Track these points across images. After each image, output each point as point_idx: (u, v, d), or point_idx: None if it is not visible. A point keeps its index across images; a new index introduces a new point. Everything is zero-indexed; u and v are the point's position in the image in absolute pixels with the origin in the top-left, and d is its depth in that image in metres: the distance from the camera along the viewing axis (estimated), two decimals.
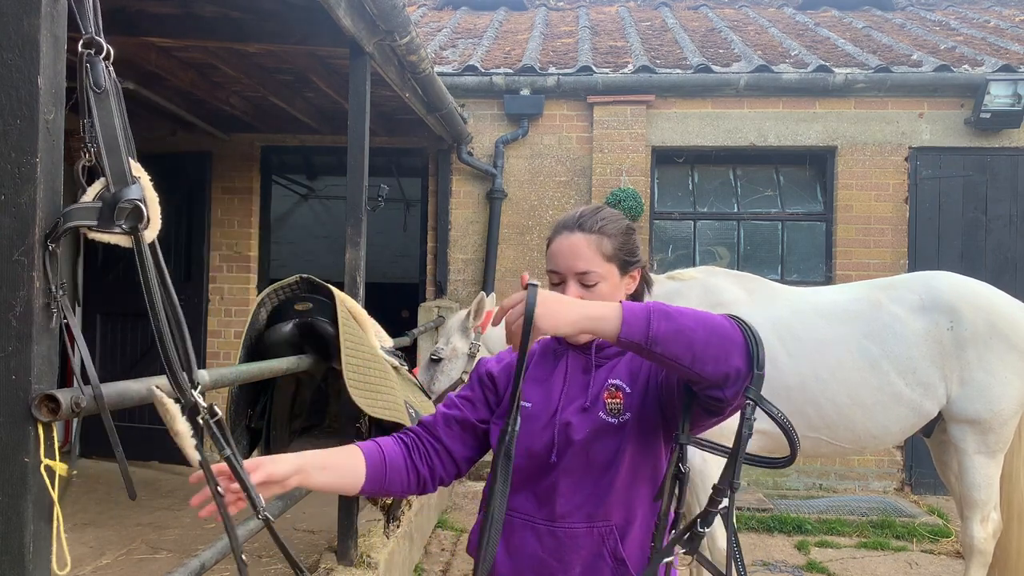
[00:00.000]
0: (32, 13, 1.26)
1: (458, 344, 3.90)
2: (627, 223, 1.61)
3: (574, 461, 1.48)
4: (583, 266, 1.52)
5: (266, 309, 2.84)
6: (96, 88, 1.24)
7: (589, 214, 1.58)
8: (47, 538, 1.32)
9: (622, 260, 1.55)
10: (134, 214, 1.26)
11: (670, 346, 1.23)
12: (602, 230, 1.54)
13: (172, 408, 1.30)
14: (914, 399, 3.31)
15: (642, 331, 1.24)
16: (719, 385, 1.25)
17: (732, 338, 1.25)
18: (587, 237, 1.54)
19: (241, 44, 4.06)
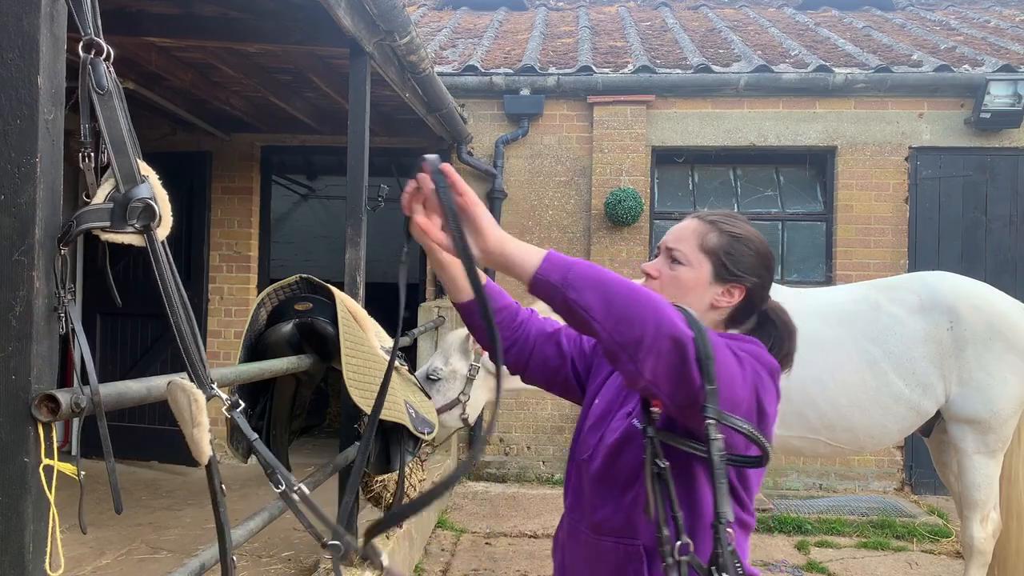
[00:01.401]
0: (32, 13, 1.26)
1: (457, 365, 3.80)
2: (754, 240, 1.46)
3: (603, 469, 1.42)
4: (674, 242, 1.46)
5: (266, 309, 2.84)
6: (99, 90, 1.24)
7: (721, 213, 1.50)
8: (47, 538, 1.32)
9: (720, 262, 1.43)
10: (146, 212, 1.26)
11: (585, 293, 1.15)
12: (716, 224, 1.46)
13: (201, 399, 1.31)
14: (913, 399, 3.31)
15: (561, 272, 1.17)
16: (630, 350, 1.14)
17: (663, 312, 1.16)
18: (698, 223, 1.47)
19: (241, 44, 4.06)
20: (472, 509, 5.61)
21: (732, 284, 1.44)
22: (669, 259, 1.46)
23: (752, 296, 1.46)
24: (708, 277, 1.43)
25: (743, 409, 1.27)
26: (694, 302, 1.42)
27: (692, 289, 1.43)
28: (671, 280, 1.44)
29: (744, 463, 1.31)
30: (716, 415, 1.20)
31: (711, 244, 1.44)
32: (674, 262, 1.45)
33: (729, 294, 1.44)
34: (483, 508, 5.64)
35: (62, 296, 1.29)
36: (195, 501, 5.04)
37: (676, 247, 1.45)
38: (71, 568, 1.54)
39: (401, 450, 2.94)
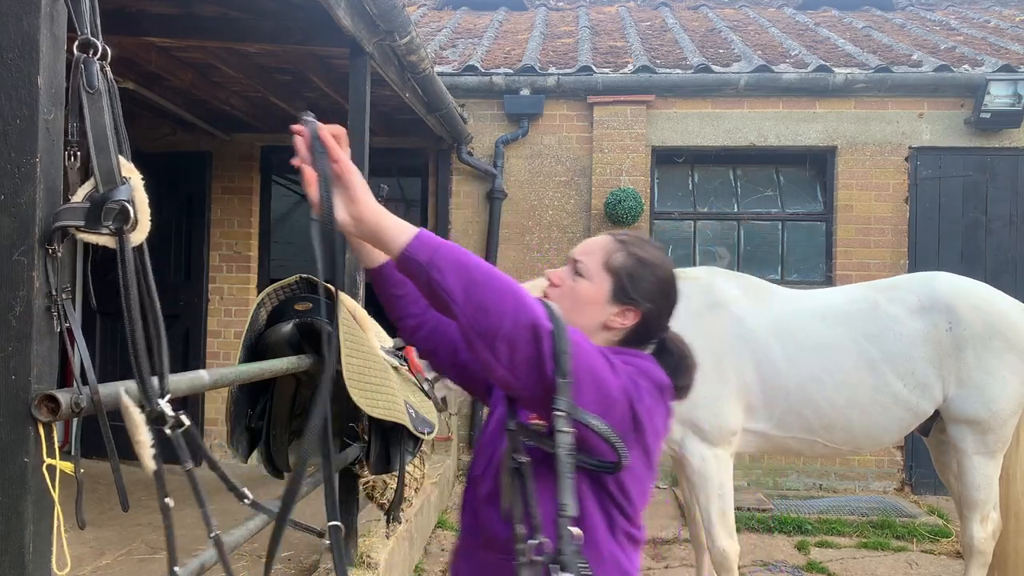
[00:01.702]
0: (32, 13, 1.26)
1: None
2: (660, 267, 1.46)
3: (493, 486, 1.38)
4: (581, 255, 1.47)
5: (266, 309, 2.84)
6: (89, 88, 1.24)
7: (633, 236, 1.50)
8: (47, 538, 1.32)
9: (621, 282, 1.42)
10: (121, 215, 1.26)
11: (448, 276, 1.15)
12: (626, 244, 1.45)
13: (137, 417, 1.29)
14: (911, 400, 3.31)
15: (429, 252, 1.17)
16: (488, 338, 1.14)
17: (523, 302, 1.15)
18: (610, 241, 1.47)
19: (241, 44, 4.06)
20: None
21: (628, 307, 1.42)
22: (574, 270, 1.46)
23: (647, 322, 1.44)
24: (607, 295, 1.42)
25: (615, 415, 1.25)
26: (589, 318, 1.42)
27: (589, 304, 1.42)
28: (571, 291, 1.44)
29: (597, 467, 1.27)
30: (568, 408, 1.18)
31: (616, 263, 1.43)
32: (577, 274, 1.45)
33: (624, 316, 1.43)
34: None
35: (55, 295, 1.29)
36: (195, 501, 5.03)
37: (582, 259, 1.45)
38: (71, 568, 1.53)
39: (401, 450, 2.94)
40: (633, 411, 1.28)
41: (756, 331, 3.34)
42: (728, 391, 3.29)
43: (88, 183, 1.27)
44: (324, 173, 1.19)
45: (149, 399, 1.29)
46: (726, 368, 3.30)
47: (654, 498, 5.97)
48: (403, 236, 1.20)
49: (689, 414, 3.28)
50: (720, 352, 3.31)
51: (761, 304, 3.45)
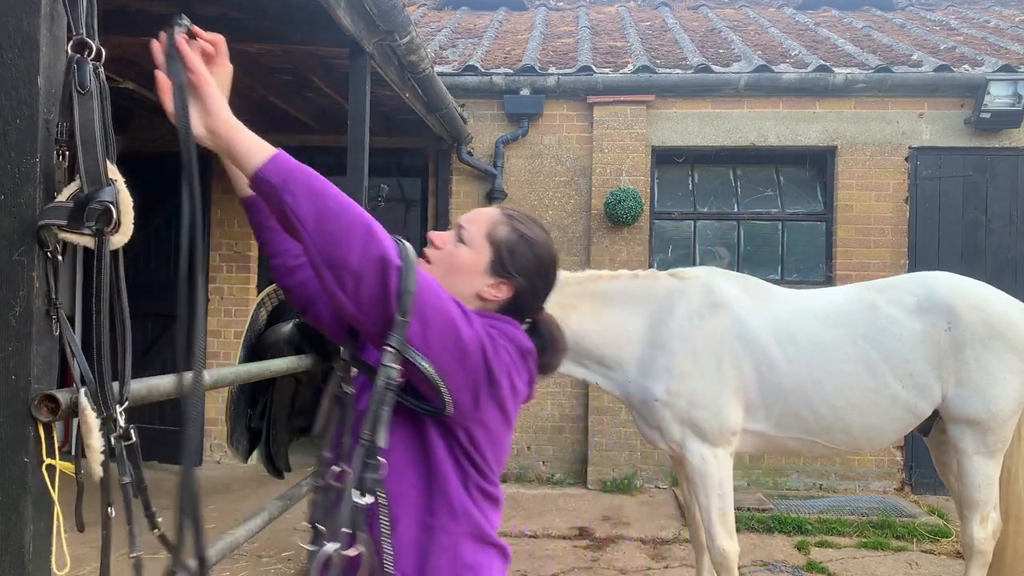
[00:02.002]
0: (32, 13, 1.26)
1: None
2: (541, 246, 1.47)
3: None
4: (466, 222, 1.46)
5: (266, 309, 2.84)
6: (80, 89, 1.24)
7: (522, 214, 1.50)
8: (47, 538, 1.32)
9: (500, 255, 1.42)
10: (103, 216, 1.25)
11: (301, 201, 1.15)
12: (511, 220, 1.46)
13: (92, 421, 1.28)
14: (910, 400, 3.31)
15: (283, 175, 1.16)
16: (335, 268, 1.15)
17: (374, 235, 1.16)
18: (498, 214, 1.47)
19: (241, 44, 4.06)
20: None
21: (503, 280, 1.43)
22: (458, 236, 1.45)
23: (520, 298, 1.45)
24: (484, 265, 1.43)
25: (468, 364, 1.25)
26: (464, 285, 1.42)
27: (466, 271, 1.43)
28: (450, 255, 1.43)
29: (421, 408, 1.27)
30: (398, 346, 1.18)
31: (498, 235, 1.44)
32: (460, 241, 1.44)
33: (498, 288, 1.43)
34: None
35: (56, 299, 1.29)
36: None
37: (467, 227, 1.45)
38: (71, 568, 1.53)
39: None
40: (487, 364, 1.28)
41: (756, 331, 3.34)
42: (728, 391, 3.29)
43: (74, 183, 1.27)
44: (179, 82, 1.17)
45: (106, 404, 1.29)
46: (726, 368, 3.30)
47: (654, 498, 5.97)
48: (258, 155, 1.18)
49: (689, 414, 3.28)
50: (720, 352, 3.31)
51: (761, 304, 3.45)
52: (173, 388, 1.91)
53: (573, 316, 3.44)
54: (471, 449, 1.33)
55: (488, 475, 1.37)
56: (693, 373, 3.29)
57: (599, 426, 6.28)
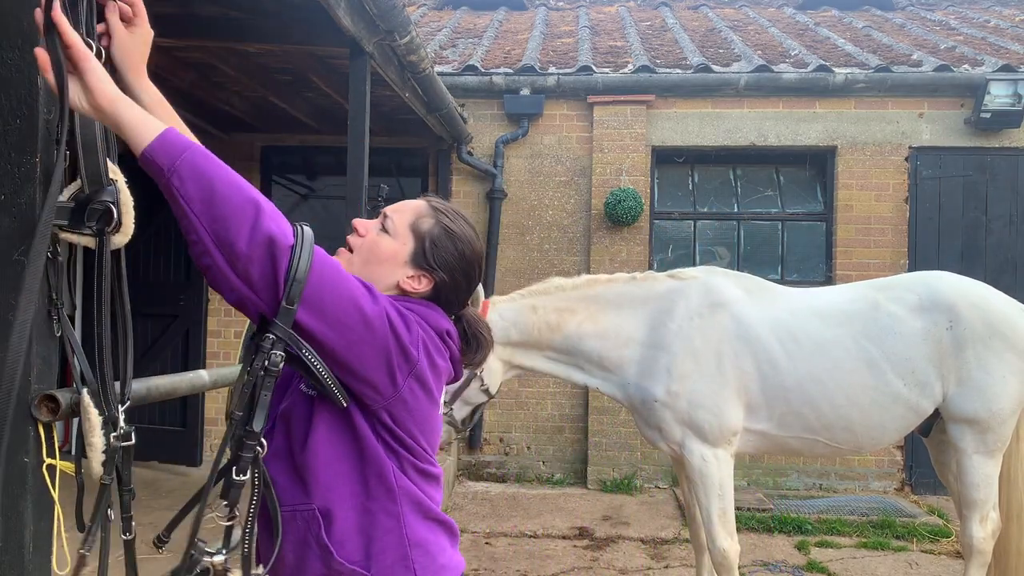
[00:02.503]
0: (32, 13, 1.26)
1: None
2: (465, 242, 1.45)
3: (278, 440, 1.34)
4: (392, 211, 1.44)
5: None
6: None
7: (450, 208, 1.48)
8: (47, 538, 1.32)
9: (422, 247, 1.41)
10: (104, 216, 1.25)
11: (189, 184, 1.12)
12: (438, 213, 1.44)
13: (95, 419, 1.28)
14: (912, 399, 3.31)
15: (171, 156, 1.12)
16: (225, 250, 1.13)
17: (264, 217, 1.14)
18: (425, 206, 1.45)
19: (241, 44, 4.06)
20: (472, 509, 5.61)
21: (423, 272, 1.42)
22: (381, 225, 1.44)
23: (439, 292, 1.44)
24: (406, 256, 1.42)
25: (377, 341, 1.25)
26: (384, 274, 1.41)
27: (387, 260, 1.41)
28: (372, 243, 1.42)
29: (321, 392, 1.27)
30: (283, 335, 1.19)
31: (422, 227, 1.43)
32: (383, 230, 1.43)
33: (417, 281, 1.42)
34: (483, 508, 5.64)
35: (57, 300, 1.29)
36: None
37: (391, 216, 1.43)
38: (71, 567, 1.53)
39: None
40: (398, 339, 1.27)
41: (756, 330, 3.34)
42: (729, 391, 3.29)
43: (75, 183, 1.27)
44: (56, 59, 1.13)
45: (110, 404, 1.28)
46: (726, 368, 3.30)
47: (654, 498, 5.97)
48: (145, 134, 1.14)
49: (690, 414, 3.28)
50: (720, 352, 3.31)
51: (761, 303, 3.45)
52: (173, 388, 1.91)
53: (572, 321, 3.44)
54: (397, 429, 1.32)
55: (420, 453, 1.36)
56: (693, 374, 3.28)
57: (599, 426, 6.28)
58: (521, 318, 3.57)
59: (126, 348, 1.30)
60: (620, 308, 3.44)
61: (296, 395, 1.34)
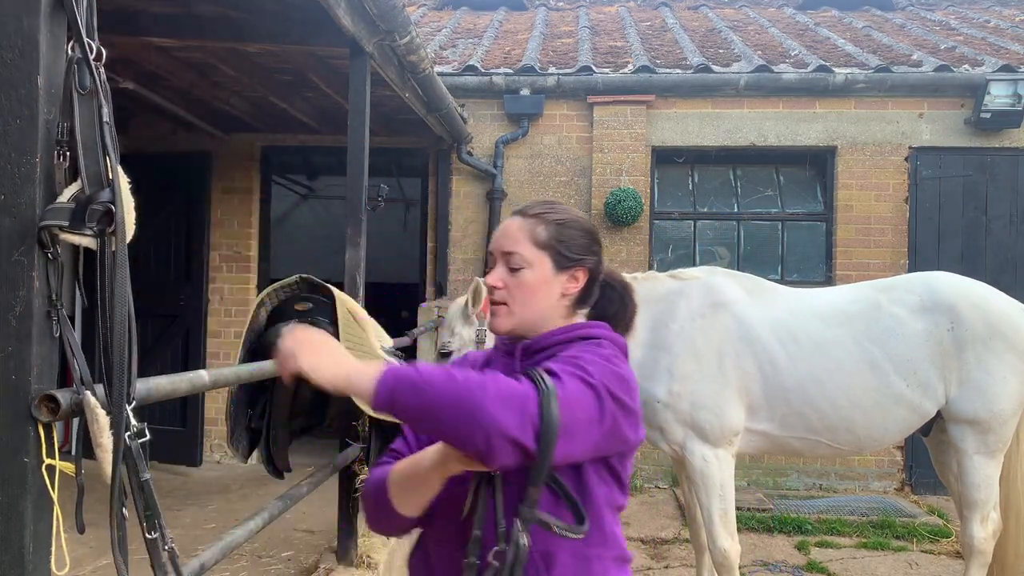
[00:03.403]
0: (32, 13, 1.26)
1: (464, 333, 3.75)
2: (578, 220, 1.49)
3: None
4: (509, 246, 1.43)
5: (266, 309, 2.84)
6: (81, 89, 1.24)
7: (539, 203, 1.50)
8: (47, 538, 1.32)
9: (558, 252, 1.43)
10: (105, 217, 1.25)
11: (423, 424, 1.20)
12: (541, 216, 1.45)
13: (103, 420, 1.28)
14: (914, 400, 3.31)
15: (387, 402, 1.18)
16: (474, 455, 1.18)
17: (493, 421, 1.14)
18: (523, 220, 1.45)
19: (241, 44, 4.06)
20: None
21: (574, 269, 1.45)
22: (507, 266, 1.44)
23: (594, 274, 1.49)
24: (550, 271, 1.43)
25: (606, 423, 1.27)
26: (545, 299, 1.43)
27: (539, 288, 1.43)
28: (517, 287, 1.42)
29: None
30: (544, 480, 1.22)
31: (543, 238, 1.43)
32: (514, 270, 1.43)
33: (574, 279, 1.45)
34: None
35: (57, 300, 1.29)
36: (195, 501, 5.04)
37: (512, 251, 1.43)
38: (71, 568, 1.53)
39: None
40: (623, 407, 1.30)
41: (757, 330, 3.34)
42: (730, 391, 3.29)
43: (75, 184, 1.27)
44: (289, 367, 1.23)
45: (116, 404, 1.28)
46: (728, 368, 3.30)
47: (654, 498, 5.97)
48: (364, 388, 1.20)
49: (691, 415, 3.28)
50: (721, 352, 3.31)
51: (762, 304, 3.45)
52: (173, 388, 1.91)
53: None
54: (619, 467, 1.37)
55: (626, 486, 1.41)
56: (695, 374, 3.28)
57: None
58: None
59: (131, 348, 1.30)
60: None
61: None
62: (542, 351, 1.42)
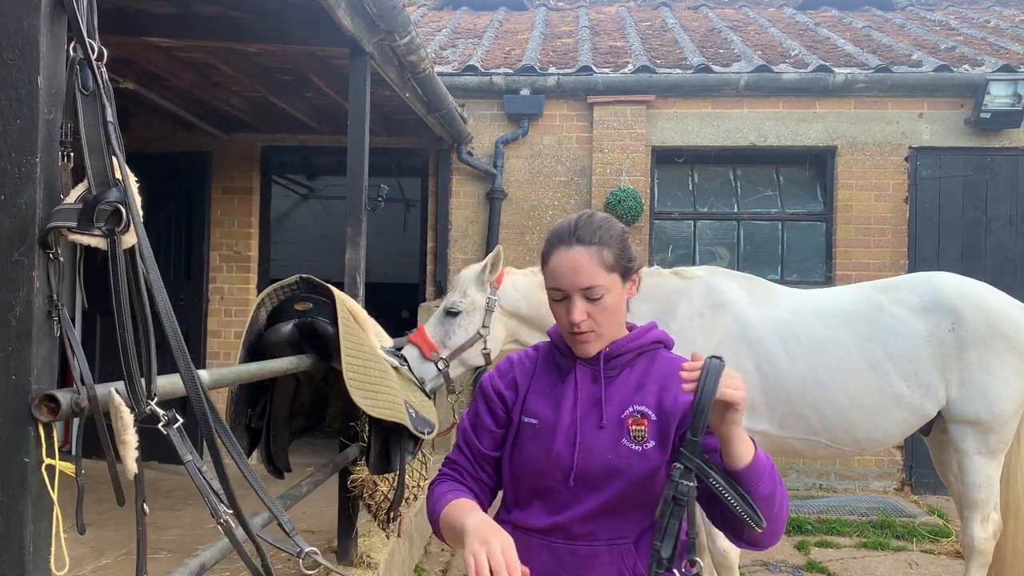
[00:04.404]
0: (32, 13, 1.26)
1: (476, 297, 3.64)
2: (621, 227, 1.58)
3: (596, 486, 1.48)
4: (587, 281, 1.48)
5: (266, 309, 2.84)
6: (84, 90, 1.24)
7: (584, 224, 1.53)
8: (47, 538, 1.32)
9: (624, 268, 1.53)
10: (113, 216, 1.25)
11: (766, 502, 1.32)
12: (601, 240, 1.50)
13: (127, 418, 1.28)
14: (915, 401, 3.30)
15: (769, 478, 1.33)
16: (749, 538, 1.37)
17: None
18: (587, 250, 1.49)
19: (241, 44, 4.06)
20: None
21: (634, 274, 1.58)
22: (585, 298, 1.50)
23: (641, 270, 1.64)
24: (621, 287, 1.54)
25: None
26: (621, 311, 1.55)
27: (619, 305, 1.54)
28: (601, 313, 1.50)
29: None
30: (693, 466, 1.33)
31: (611, 261, 1.51)
32: (594, 299, 1.50)
33: (634, 282, 1.58)
34: None
35: (58, 300, 1.29)
36: (195, 501, 5.03)
37: (591, 284, 1.49)
38: (71, 568, 1.54)
39: (401, 450, 2.94)
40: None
41: (758, 330, 3.34)
42: None
43: (81, 184, 1.27)
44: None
45: (139, 401, 1.29)
46: None
47: None
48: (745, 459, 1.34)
49: None
50: (721, 352, 3.30)
51: (763, 304, 3.44)
52: (173, 388, 1.91)
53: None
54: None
55: None
56: None
57: None
58: (532, 293, 3.60)
59: (148, 344, 1.31)
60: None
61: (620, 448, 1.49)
62: (620, 356, 1.55)
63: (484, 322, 3.60)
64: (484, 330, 3.61)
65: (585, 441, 1.49)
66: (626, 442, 1.48)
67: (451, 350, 3.60)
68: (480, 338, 3.61)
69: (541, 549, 1.51)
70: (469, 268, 3.84)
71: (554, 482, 1.51)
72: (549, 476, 1.51)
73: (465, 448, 1.62)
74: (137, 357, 1.29)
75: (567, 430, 1.51)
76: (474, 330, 3.62)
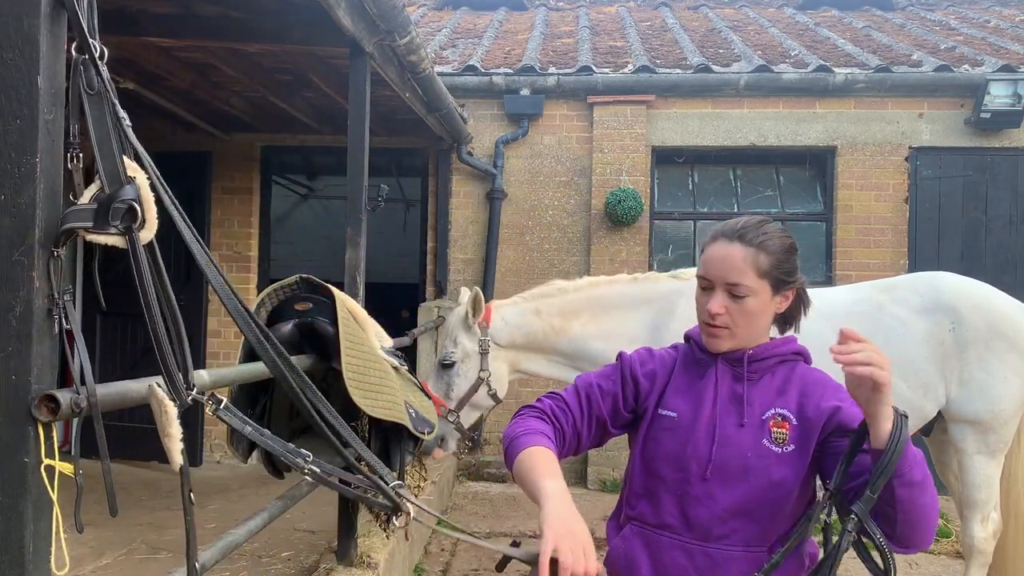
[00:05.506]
0: (32, 13, 1.26)
1: (467, 344, 3.70)
2: (791, 242, 1.58)
3: (732, 483, 1.49)
4: (734, 278, 1.51)
5: (266, 309, 2.83)
6: (89, 90, 1.24)
7: (752, 226, 1.55)
8: (47, 538, 1.32)
9: (776, 278, 1.54)
10: (129, 214, 1.25)
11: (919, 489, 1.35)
12: (762, 245, 1.52)
13: (172, 411, 1.30)
14: (916, 401, 3.30)
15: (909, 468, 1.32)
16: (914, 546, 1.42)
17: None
18: (744, 250, 1.52)
19: (241, 44, 4.06)
20: (472, 509, 5.60)
21: (787, 290, 1.57)
22: (728, 293, 1.52)
23: (800, 292, 1.61)
24: (769, 296, 1.54)
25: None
26: (762, 320, 1.56)
27: (761, 313, 1.55)
28: (739, 313, 1.52)
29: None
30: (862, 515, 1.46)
31: (765, 267, 1.52)
32: (737, 296, 1.52)
33: (785, 298, 1.58)
34: (483, 508, 5.63)
35: (58, 298, 1.29)
36: (195, 501, 5.02)
37: (738, 282, 1.51)
38: (71, 568, 1.54)
39: (401, 450, 2.94)
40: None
41: None
42: None
43: (94, 184, 1.27)
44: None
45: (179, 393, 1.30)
46: None
47: None
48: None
49: None
50: None
51: None
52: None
53: (575, 323, 3.44)
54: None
55: None
56: None
57: None
58: (525, 322, 3.58)
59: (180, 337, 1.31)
60: (622, 309, 3.44)
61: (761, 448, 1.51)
62: (762, 361, 1.58)
63: (482, 365, 3.64)
64: (484, 373, 3.64)
65: (724, 436, 1.51)
66: (767, 443, 1.49)
67: (456, 401, 3.63)
68: (482, 381, 3.62)
69: (673, 549, 1.52)
70: (453, 313, 3.87)
71: (689, 475, 1.51)
72: (685, 468, 1.52)
73: (584, 399, 1.61)
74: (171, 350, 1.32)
75: (706, 424, 1.53)
76: (474, 376, 3.66)
